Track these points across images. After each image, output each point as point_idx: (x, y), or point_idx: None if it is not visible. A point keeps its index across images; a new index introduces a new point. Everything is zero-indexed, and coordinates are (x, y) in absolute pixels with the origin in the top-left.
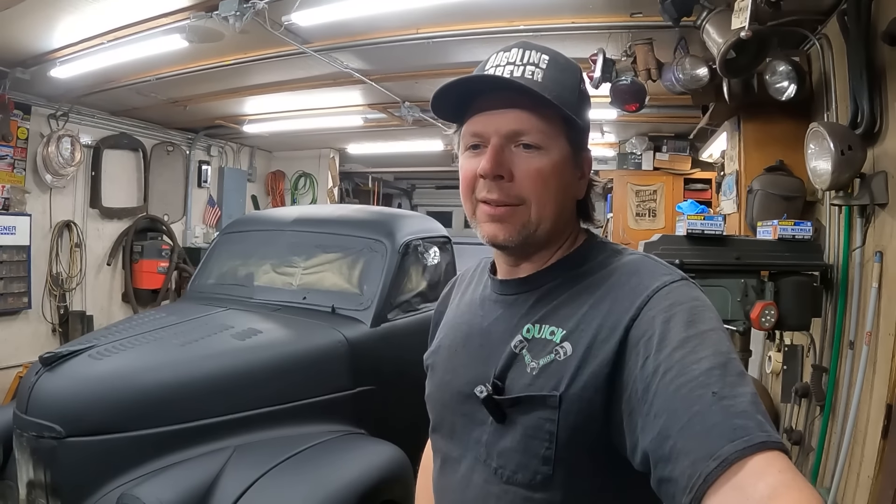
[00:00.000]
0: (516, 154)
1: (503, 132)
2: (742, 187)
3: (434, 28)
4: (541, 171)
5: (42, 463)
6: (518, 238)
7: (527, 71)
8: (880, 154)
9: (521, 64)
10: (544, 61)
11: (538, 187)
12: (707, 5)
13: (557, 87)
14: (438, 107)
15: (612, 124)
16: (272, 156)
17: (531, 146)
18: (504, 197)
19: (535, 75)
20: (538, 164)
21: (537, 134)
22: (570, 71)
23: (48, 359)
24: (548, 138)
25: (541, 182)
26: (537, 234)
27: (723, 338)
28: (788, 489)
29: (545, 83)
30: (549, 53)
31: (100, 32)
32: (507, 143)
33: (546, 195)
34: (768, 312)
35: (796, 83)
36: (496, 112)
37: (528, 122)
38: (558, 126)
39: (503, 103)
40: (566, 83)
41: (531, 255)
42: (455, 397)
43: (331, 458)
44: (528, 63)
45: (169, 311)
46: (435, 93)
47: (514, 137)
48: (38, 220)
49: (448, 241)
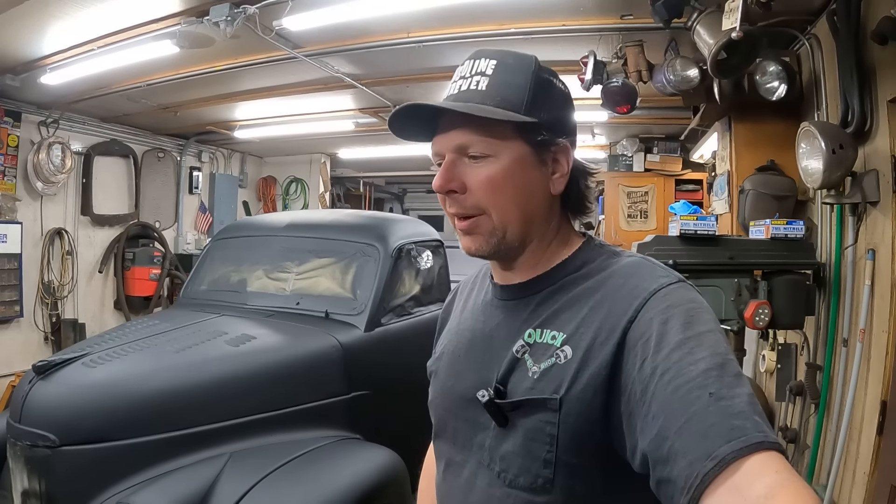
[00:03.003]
0: (469, 166)
1: (451, 148)
2: (734, 187)
3: (425, 32)
4: (491, 178)
5: (36, 472)
6: (489, 247)
7: (473, 82)
8: (871, 152)
9: (469, 76)
10: (491, 67)
11: (491, 194)
12: (697, 7)
13: (502, 89)
14: (402, 135)
15: (602, 126)
16: (263, 161)
17: (477, 156)
18: (461, 209)
19: (480, 84)
20: (487, 171)
21: (480, 144)
22: (520, 70)
23: (41, 367)
24: (494, 146)
25: (492, 189)
26: (507, 239)
27: (720, 339)
28: (785, 489)
29: (489, 91)
30: (498, 56)
31: (90, 39)
32: (458, 158)
33: (502, 200)
34: (762, 311)
35: (787, 83)
36: (445, 132)
37: (469, 135)
38: (507, 131)
39: (452, 121)
40: (513, 83)
41: (515, 258)
42: (458, 402)
43: (326, 463)
44: (475, 73)
45: (162, 318)
46: (388, 124)
47: (463, 151)
48: (30, 228)
49: (440, 245)
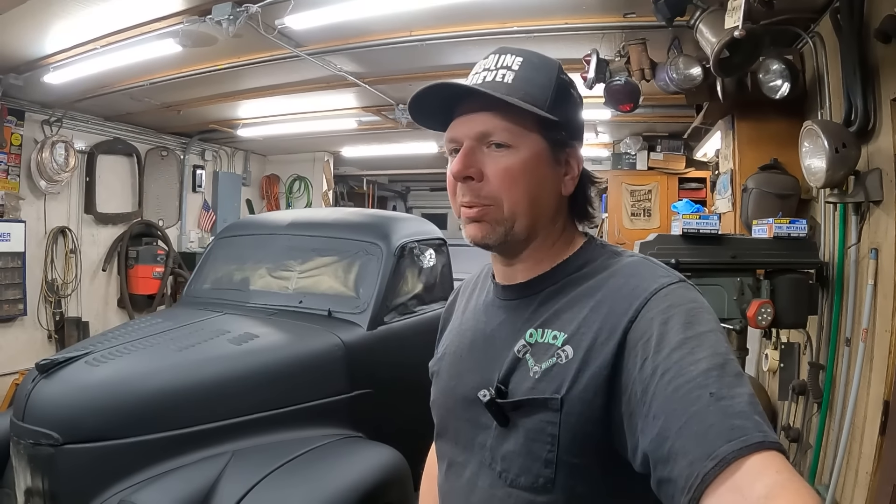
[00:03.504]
0: (487, 154)
1: (472, 134)
2: (737, 186)
3: (427, 30)
4: (509, 169)
5: (39, 470)
6: (496, 236)
7: (498, 75)
8: (874, 151)
9: (494, 69)
10: (517, 63)
11: (507, 184)
12: (700, 5)
13: (527, 85)
14: (418, 118)
15: (606, 124)
16: (266, 160)
17: (501, 145)
18: (475, 198)
19: (506, 78)
20: (506, 162)
21: (504, 132)
22: (544, 69)
23: (45, 366)
24: (516, 136)
25: (509, 179)
26: (515, 230)
27: (720, 339)
28: (785, 489)
29: (515, 84)
30: (524, 55)
31: (93, 38)
32: (478, 145)
33: (516, 192)
34: (764, 311)
35: (790, 81)
36: (467, 116)
37: (494, 122)
38: (529, 124)
39: (474, 108)
40: (538, 81)
41: (519, 252)
42: (460, 402)
43: (329, 461)
44: (500, 67)
45: (165, 316)
46: (409, 105)
47: (484, 138)
48: (33, 227)
49: (443, 244)
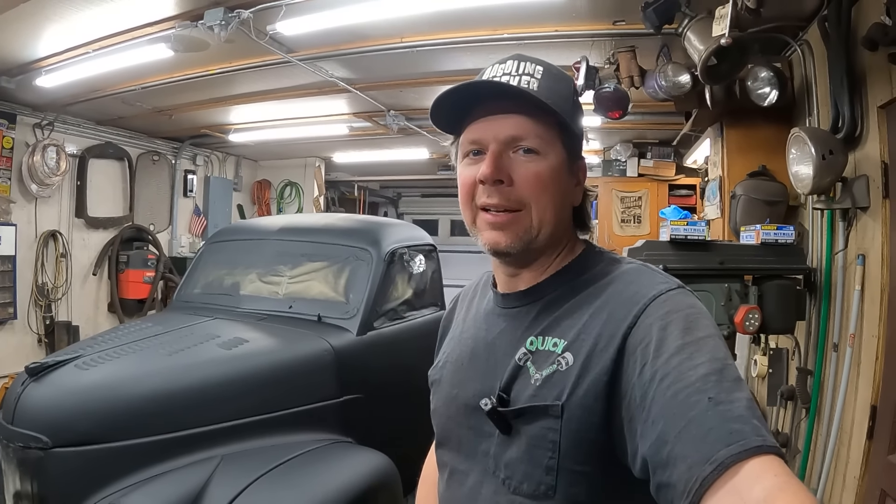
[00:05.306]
0: (515, 159)
1: (501, 138)
2: (725, 192)
3: (419, 37)
4: (539, 176)
5: (29, 474)
6: (519, 244)
7: (522, 81)
8: (861, 158)
9: (516, 74)
10: (539, 72)
11: (538, 191)
12: (688, 13)
13: (552, 95)
14: (438, 115)
15: (596, 131)
16: (258, 165)
17: (531, 150)
18: (504, 201)
19: (531, 85)
20: (537, 168)
21: (535, 139)
22: (563, 81)
23: (34, 369)
24: (546, 143)
25: (540, 186)
26: (538, 239)
27: (719, 344)
28: (784, 492)
29: (541, 92)
30: (543, 65)
31: (85, 41)
32: (505, 149)
33: (546, 199)
34: (752, 316)
35: (778, 89)
36: (494, 118)
37: (526, 127)
38: (555, 132)
39: (500, 110)
40: (560, 92)
41: (531, 262)
42: (462, 411)
43: (318, 466)
44: (523, 73)
45: (155, 320)
46: (435, 100)
47: (513, 143)
48: (24, 230)
49: (434, 249)
